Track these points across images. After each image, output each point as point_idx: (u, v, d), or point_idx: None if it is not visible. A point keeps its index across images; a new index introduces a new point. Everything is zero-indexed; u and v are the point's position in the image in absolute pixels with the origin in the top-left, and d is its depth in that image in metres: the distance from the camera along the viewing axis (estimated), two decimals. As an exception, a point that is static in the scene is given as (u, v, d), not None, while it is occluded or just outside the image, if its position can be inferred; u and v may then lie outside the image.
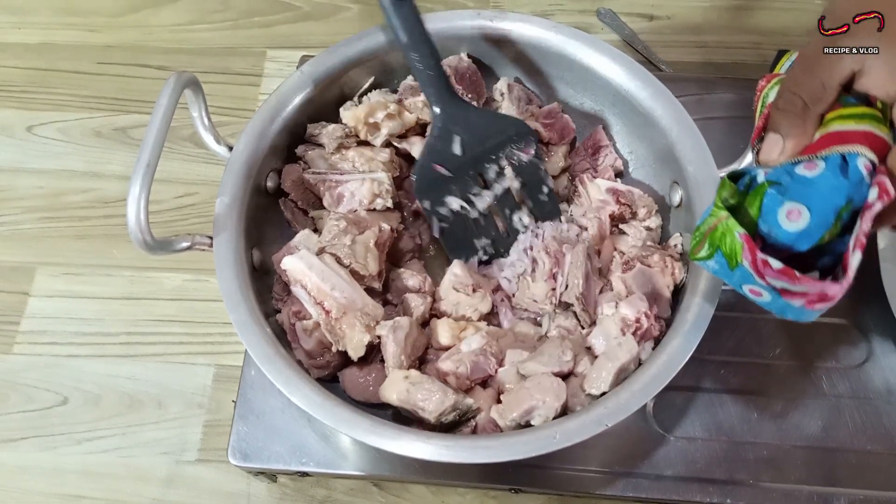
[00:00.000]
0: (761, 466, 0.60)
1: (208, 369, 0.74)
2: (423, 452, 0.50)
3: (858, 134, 0.45)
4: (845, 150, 0.44)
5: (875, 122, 0.45)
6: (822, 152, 0.45)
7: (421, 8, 0.58)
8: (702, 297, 0.54)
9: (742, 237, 0.44)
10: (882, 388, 0.63)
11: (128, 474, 0.71)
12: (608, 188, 0.64)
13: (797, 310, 0.45)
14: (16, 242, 0.81)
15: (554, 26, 0.63)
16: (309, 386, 0.52)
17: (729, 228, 0.45)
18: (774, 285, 0.44)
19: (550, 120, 0.67)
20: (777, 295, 0.45)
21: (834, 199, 0.44)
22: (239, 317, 0.54)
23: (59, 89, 0.89)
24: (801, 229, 0.44)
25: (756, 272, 0.44)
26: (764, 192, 0.46)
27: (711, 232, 0.46)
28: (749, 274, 0.45)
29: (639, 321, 0.57)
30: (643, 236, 0.63)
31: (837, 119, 0.46)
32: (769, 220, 0.45)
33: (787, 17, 0.90)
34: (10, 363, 0.75)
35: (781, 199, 0.45)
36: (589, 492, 0.60)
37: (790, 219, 0.45)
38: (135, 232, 0.49)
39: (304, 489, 0.69)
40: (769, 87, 0.51)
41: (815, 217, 0.44)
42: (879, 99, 0.45)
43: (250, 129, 0.60)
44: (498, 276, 0.63)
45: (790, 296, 0.44)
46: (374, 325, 0.56)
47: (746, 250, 0.44)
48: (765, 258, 0.43)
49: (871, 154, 0.44)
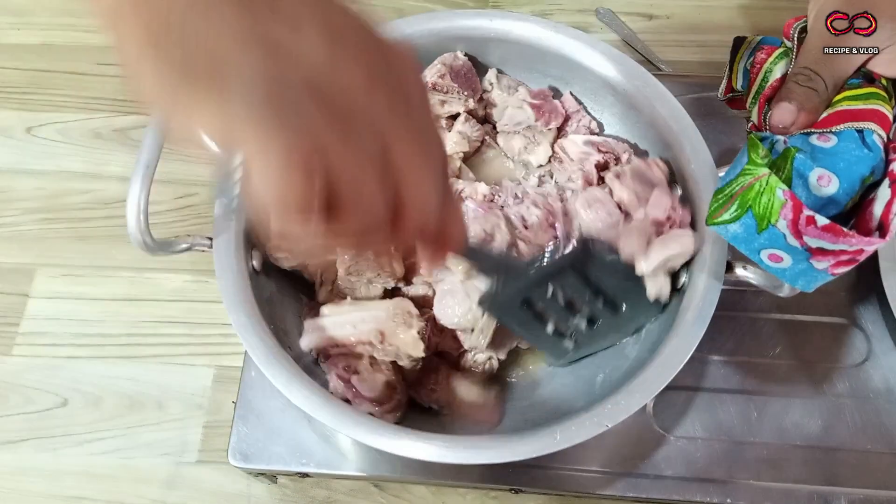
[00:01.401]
0: (761, 466, 0.60)
1: (208, 370, 0.74)
2: (424, 453, 0.50)
3: (868, 112, 0.47)
4: (859, 126, 0.46)
5: (881, 100, 0.47)
6: (834, 127, 0.46)
7: (421, 8, 0.58)
8: (702, 297, 0.54)
9: (786, 194, 0.44)
10: (882, 387, 0.63)
11: (128, 476, 0.70)
12: (585, 141, 0.64)
13: (813, 274, 0.45)
14: (15, 244, 0.81)
15: (553, 26, 0.63)
16: (309, 387, 0.52)
17: (770, 186, 0.44)
18: (810, 244, 0.44)
19: (539, 101, 0.65)
20: (804, 258, 0.44)
21: (860, 168, 0.45)
22: (239, 318, 0.54)
23: (58, 90, 0.89)
24: (830, 195, 0.45)
25: (793, 231, 0.44)
26: (793, 157, 0.46)
27: (744, 191, 0.45)
28: (779, 235, 0.44)
29: (670, 218, 0.56)
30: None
31: (845, 100, 0.48)
32: (801, 182, 0.46)
33: (787, 16, 0.89)
34: (10, 365, 0.75)
35: (812, 164, 0.46)
36: (589, 492, 0.60)
37: (821, 183, 0.45)
38: (134, 233, 0.49)
39: (304, 490, 0.69)
40: (772, 61, 0.52)
41: (843, 184, 0.45)
42: (885, 76, 0.48)
43: (250, 130, 0.60)
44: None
45: (822, 256, 0.44)
46: (410, 318, 0.56)
47: (788, 207, 0.43)
48: (811, 214, 0.43)
49: (882, 130, 0.46)
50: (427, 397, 0.60)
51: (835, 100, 0.49)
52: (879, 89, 0.48)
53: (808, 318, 0.66)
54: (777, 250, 0.45)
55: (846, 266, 0.44)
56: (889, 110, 0.47)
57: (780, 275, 0.47)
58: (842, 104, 0.48)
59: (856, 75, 0.49)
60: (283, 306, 0.62)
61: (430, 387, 0.60)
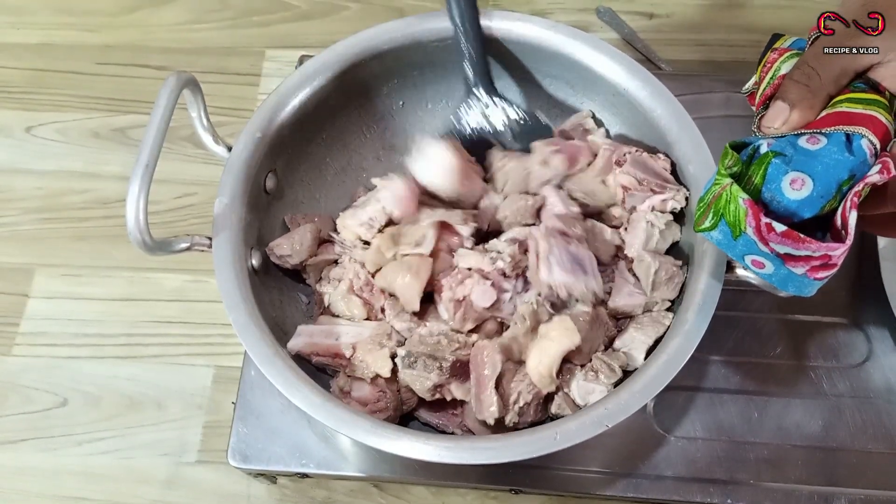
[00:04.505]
0: (762, 466, 0.60)
1: (208, 370, 0.74)
2: (424, 453, 0.50)
3: (865, 117, 0.46)
4: (850, 130, 0.46)
5: (882, 109, 0.47)
6: (826, 129, 0.46)
7: (421, 8, 0.58)
8: (702, 297, 0.54)
9: (746, 202, 0.45)
10: (882, 387, 0.63)
11: (127, 476, 0.70)
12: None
13: (799, 280, 0.45)
14: (15, 243, 0.81)
15: (553, 25, 0.63)
16: (308, 387, 0.52)
17: (733, 195, 0.45)
18: (778, 251, 0.44)
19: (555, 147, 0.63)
20: (780, 263, 0.45)
21: (837, 172, 0.45)
22: (238, 317, 0.53)
23: (57, 90, 0.89)
24: (803, 197, 0.45)
25: (759, 238, 0.44)
26: (769, 162, 0.46)
27: (715, 200, 0.47)
28: (752, 242, 0.45)
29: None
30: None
31: (846, 101, 0.48)
32: (773, 187, 0.46)
33: (788, 14, 0.90)
34: (10, 364, 0.75)
35: (786, 168, 0.46)
36: (589, 492, 0.60)
37: (793, 187, 0.45)
38: (134, 233, 0.49)
39: (304, 490, 0.69)
40: (782, 60, 0.52)
41: (818, 187, 0.45)
42: (889, 90, 0.47)
43: (249, 130, 0.60)
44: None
45: (793, 262, 0.44)
46: (386, 339, 0.58)
47: (750, 215, 0.44)
48: (769, 221, 0.44)
49: (874, 137, 0.46)
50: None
51: (836, 100, 0.48)
52: (883, 98, 0.48)
53: (809, 318, 0.66)
54: (757, 256, 0.46)
55: (825, 271, 0.44)
56: (888, 122, 0.47)
57: (768, 279, 0.47)
58: (842, 105, 0.47)
59: (863, 80, 0.48)
60: (282, 306, 0.62)
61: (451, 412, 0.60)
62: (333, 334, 0.59)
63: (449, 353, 0.56)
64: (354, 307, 0.60)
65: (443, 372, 0.55)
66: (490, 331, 0.59)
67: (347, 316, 0.61)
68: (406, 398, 0.59)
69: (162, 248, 0.52)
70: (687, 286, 0.57)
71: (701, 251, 0.55)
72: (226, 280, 0.55)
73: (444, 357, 0.56)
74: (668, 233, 0.61)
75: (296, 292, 0.64)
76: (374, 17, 0.59)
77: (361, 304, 0.60)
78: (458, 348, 0.57)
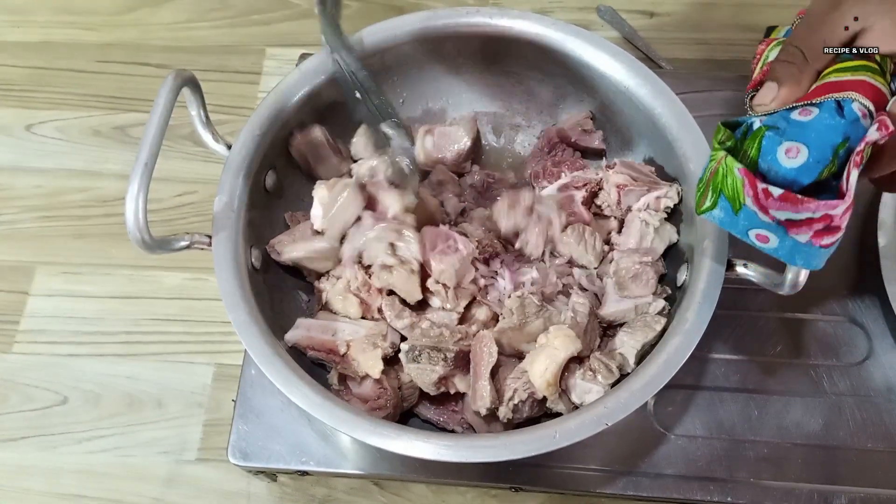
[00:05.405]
0: (762, 464, 0.60)
1: (208, 368, 0.74)
2: (424, 452, 0.50)
3: (853, 82, 0.47)
4: (839, 96, 0.46)
5: (871, 72, 0.47)
6: (816, 99, 0.47)
7: (422, 6, 0.58)
8: (702, 296, 0.54)
9: (741, 171, 0.45)
10: (882, 385, 0.63)
11: (127, 474, 0.70)
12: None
13: (805, 249, 0.45)
14: (15, 242, 0.81)
15: (553, 23, 0.63)
16: (308, 385, 0.52)
17: (729, 167, 0.46)
18: (778, 217, 0.44)
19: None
20: (783, 232, 0.45)
21: (831, 137, 0.45)
22: (238, 316, 0.53)
23: (57, 88, 0.89)
24: (800, 165, 0.45)
25: (759, 206, 0.45)
26: (762, 135, 0.47)
27: (713, 177, 0.47)
28: (753, 213, 0.45)
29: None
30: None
31: (833, 72, 0.48)
32: (769, 158, 0.46)
33: (788, 13, 0.88)
34: (10, 363, 0.75)
35: (780, 139, 0.46)
36: (589, 490, 0.60)
37: (789, 156, 0.45)
38: (133, 231, 0.49)
39: (304, 488, 0.69)
40: (770, 49, 0.53)
41: (813, 153, 0.45)
42: (881, 53, 0.48)
43: (249, 128, 0.60)
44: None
45: (796, 228, 0.44)
46: (380, 340, 0.58)
47: (747, 185, 0.45)
48: (766, 187, 0.44)
49: (866, 100, 0.46)
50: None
51: (824, 73, 0.49)
52: (871, 62, 0.48)
53: (809, 316, 0.66)
54: (760, 229, 0.46)
55: (830, 236, 0.44)
56: (880, 83, 0.47)
57: (774, 254, 0.47)
58: (830, 76, 0.48)
59: (849, 48, 0.49)
60: (282, 304, 0.62)
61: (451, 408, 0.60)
62: (330, 330, 0.59)
63: (452, 344, 0.56)
64: (351, 306, 0.60)
65: (448, 363, 0.56)
66: (486, 319, 0.60)
67: (344, 314, 0.61)
68: (406, 395, 0.59)
69: (162, 246, 0.52)
70: (687, 285, 0.57)
71: (700, 251, 0.55)
72: (226, 278, 0.55)
73: (448, 348, 0.56)
74: (664, 233, 0.61)
75: (296, 290, 0.64)
76: (374, 15, 0.59)
77: (358, 304, 0.60)
78: (461, 339, 0.57)
